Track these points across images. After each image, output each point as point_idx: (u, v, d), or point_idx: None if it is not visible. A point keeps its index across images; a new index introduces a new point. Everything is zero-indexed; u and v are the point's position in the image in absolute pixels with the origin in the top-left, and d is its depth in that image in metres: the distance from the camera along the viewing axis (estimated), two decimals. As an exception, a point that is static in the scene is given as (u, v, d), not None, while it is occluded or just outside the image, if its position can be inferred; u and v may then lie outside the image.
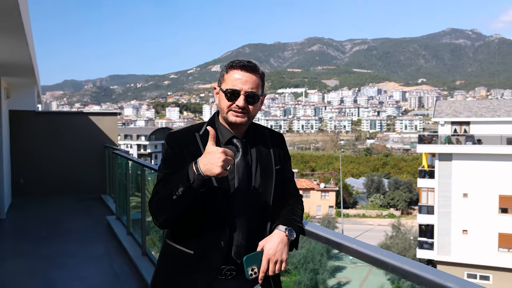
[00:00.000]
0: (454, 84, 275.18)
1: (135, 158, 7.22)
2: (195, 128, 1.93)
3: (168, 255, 1.92)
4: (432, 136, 29.16)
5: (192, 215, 1.79)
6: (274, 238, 1.80)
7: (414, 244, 31.34)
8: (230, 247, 1.83)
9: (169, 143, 1.90)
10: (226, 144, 1.88)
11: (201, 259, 1.82)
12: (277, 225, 1.85)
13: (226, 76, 1.87)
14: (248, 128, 1.94)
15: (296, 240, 1.86)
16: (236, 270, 1.85)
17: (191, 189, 1.67)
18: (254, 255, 1.77)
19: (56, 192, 10.69)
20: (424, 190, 29.65)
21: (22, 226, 8.13)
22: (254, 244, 1.83)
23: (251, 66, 1.86)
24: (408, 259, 1.52)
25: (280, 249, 1.78)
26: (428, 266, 1.44)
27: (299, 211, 1.98)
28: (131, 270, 5.43)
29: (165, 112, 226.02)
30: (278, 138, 2.05)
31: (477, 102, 32.09)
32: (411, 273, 1.44)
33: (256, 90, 1.84)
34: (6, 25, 4.60)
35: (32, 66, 7.62)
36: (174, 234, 1.90)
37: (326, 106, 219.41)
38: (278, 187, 1.94)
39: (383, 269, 1.54)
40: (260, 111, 2.17)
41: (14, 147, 10.36)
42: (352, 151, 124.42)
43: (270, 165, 1.93)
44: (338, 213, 50.46)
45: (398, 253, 18.36)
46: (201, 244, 1.82)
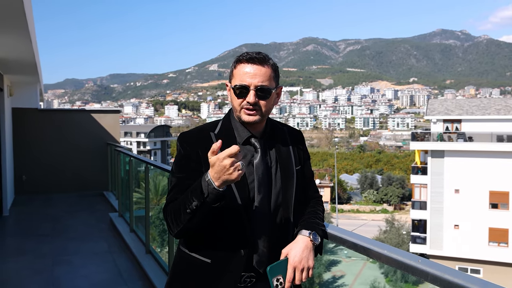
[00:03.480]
0: (444, 83, 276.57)
1: (138, 155, 7.14)
2: (209, 127, 1.78)
3: (183, 263, 1.77)
4: (424, 134, 29.50)
5: (210, 222, 1.63)
6: (299, 244, 1.66)
7: (407, 239, 31.69)
8: (251, 255, 1.69)
9: (182, 144, 1.74)
10: (243, 144, 1.73)
11: (219, 269, 1.67)
12: (300, 229, 1.71)
13: (234, 71, 1.72)
14: (266, 126, 1.79)
15: (321, 244, 1.73)
16: (256, 277, 1.72)
17: (206, 203, 1.53)
18: (278, 264, 1.63)
19: (58, 189, 10.65)
20: (417, 186, 29.98)
21: (24, 223, 8.09)
22: (277, 251, 1.70)
23: (259, 58, 1.69)
24: (450, 268, 1.35)
25: (305, 256, 1.64)
26: (474, 276, 1.30)
27: (320, 213, 1.84)
28: (135, 267, 5.36)
29: (164, 110, 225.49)
30: (298, 136, 1.91)
31: (468, 100, 32.41)
32: (456, 284, 1.28)
33: (267, 83, 1.68)
34: (10, 23, 4.58)
35: (35, 63, 7.59)
36: (189, 241, 1.75)
37: (321, 105, 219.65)
38: (299, 189, 1.80)
39: (421, 278, 1.39)
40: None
41: (17, 145, 10.33)
42: (346, 148, 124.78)
43: (291, 166, 1.79)
44: (333, 209, 50.75)
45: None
46: (219, 252, 1.68)
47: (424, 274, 1.39)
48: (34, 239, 6.87)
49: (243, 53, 1.73)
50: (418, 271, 1.41)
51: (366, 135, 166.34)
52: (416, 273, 1.41)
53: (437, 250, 27.78)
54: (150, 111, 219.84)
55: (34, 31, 5.99)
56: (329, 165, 77.37)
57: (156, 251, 5.54)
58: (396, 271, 19.59)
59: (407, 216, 37.47)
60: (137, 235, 6.34)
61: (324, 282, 20.39)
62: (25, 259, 5.90)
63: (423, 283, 6.80)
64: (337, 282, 21.67)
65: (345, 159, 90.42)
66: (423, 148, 29.04)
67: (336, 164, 65.04)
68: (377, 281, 18.91)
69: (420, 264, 1.41)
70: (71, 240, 6.82)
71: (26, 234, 7.26)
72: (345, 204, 58.01)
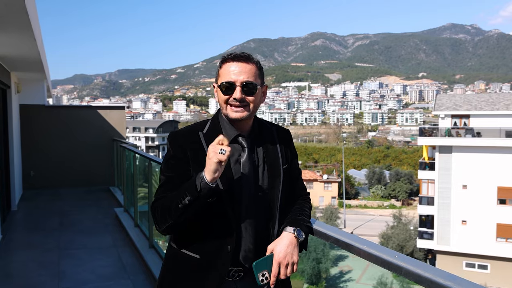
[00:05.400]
0: (454, 78, 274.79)
1: (142, 152, 7.20)
2: (198, 127, 1.82)
3: (173, 259, 1.83)
4: (432, 129, 29.32)
5: (197, 219, 1.70)
6: (283, 240, 1.71)
7: (414, 234, 31.59)
8: (238, 251, 1.75)
9: (171, 143, 1.79)
10: (231, 143, 1.76)
11: (207, 264, 1.73)
12: (285, 226, 1.76)
13: (220, 71, 1.76)
14: (253, 125, 1.84)
15: (305, 240, 1.78)
16: (243, 272, 1.78)
17: (199, 199, 1.59)
18: (264, 260, 1.69)
19: (65, 184, 10.76)
20: (425, 182, 29.89)
21: (32, 217, 8.24)
22: (262, 247, 1.74)
23: (244, 56, 1.75)
24: (422, 263, 1.42)
25: (290, 252, 1.69)
26: (443, 270, 1.36)
27: (307, 210, 1.89)
28: (138, 261, 5.46)
29: (172, 105, 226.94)
30: (286, 135, 1.94)
31: (477, 95, 32.15)
32: (426, 278, 1.34)
33: (253, 79, 1.72)
34: (13, 22, 4.59)
35: (40, 61, 7.62)
36: (179, 238, 1.81)
37: (329, 100, 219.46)
38: (286, 187, 1.85)
39: (396, 273, 1.46)
40: (263, 104, 2.03)
41: (25, 141, 10.42)
42: (354, 143, 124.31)
43: (277, 165, 1.83)
44: (341, 204, 50.66)
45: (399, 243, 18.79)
46: (207, 248, 1.74)
47: (399, 269, 1.44)
48: (41, 233, 7.01)
49: (228, 53, 1.77)
50: (394, 266, 1.46)
51: (375, 130, 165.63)
52: (392, 268, 1.47)
53: (444, 245, 27.68)
54: (158, 107, 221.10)
55: (39, 30, 6.03)
56: (337, 160, 77.26)
57: (159, 245, 5.61)
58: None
59: (415, 212, 37.33)
60: (141, 230, 6.43)
61: (332, 277, 20.47)
62: (32, 252, 6.02)
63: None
64: (344, 277, 21.73)
65: (353, 155, 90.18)
66: (431, 143, 28.90)
67: (344, 159, 64.95)
68: (385, 276, 18.89)
69: (396, 260, 1.47)
70: (77, 234, 6.93)
71: (33, 228, 7.41)
72: (353, 200, 57.87)
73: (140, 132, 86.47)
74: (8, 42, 5.83)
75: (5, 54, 6.83)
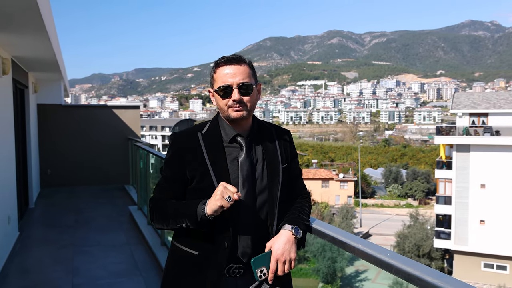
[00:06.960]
0: (473, 75, 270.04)
1: (154, 150, 7.27)
2: (198, 128, 1.88)
3: (174, 256, 1.90)
4: (450, 128, 28.94)
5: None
6: (281, 238, 1.75)
7: (431, 234, 31.21)
8: (235, 247, 1.80)
9: (172, 144, 1.87)
10: (230, 142, 1.83)
11: (206, 260, 1.79)
12: (283, 224, 1.80)
13: (215, 76, 1.81)
14: (252, 125, 1.88)
15: (303, 238, 1.81)
16: (244, 269, 1.82)
17: (197, 226, 1.71)
18: (262, 256, 1.74)
19: (81, 183, 10.92)
20: (442, 181, 29.49)
21: (49, 214, 8.43)
22: (261, 244, 1.79)
23: (236, 58, 1.81)
24: (413, 261, 1.45)
25: (287, 249, 1.73)
26: (432, 268, 1.38)
27: (306, 209, 1.93)
28: (151, 259, 5.54)
29: (188, 104, 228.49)
30: (285, 135, 1.98)
31: (496, 93, 31.55)
32: (414, 276, 1.37)
33: (248, 79, 1.79)
34: (27, 24, 4.64)
35: (56, 62, 7.71)
36: (180, 235, 1.88)
37: (345, 98, 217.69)
38: (285, 186, 1.88)
39: (387, 271, 1.47)
40: (279, 102, 2.13)
41: (42, 140, 10.60)
42: (371, 142, 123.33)
43: (277, 164, 1.87)
44: (357, 203, 50.32)
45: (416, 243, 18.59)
46: (206, 245, 1.79)
47: (390, 266, 1.47)
48: (57, 230, 7.17)
49: (219, 58, 1.83)
50: (385, 264, 1.50)
51: (391, 129, 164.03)
52: (384, 266, 1.50)
53: (462, 245, 27.29)
54: (175, 105, 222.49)
55: (55, 31, 6.11)
56: (353, 159, 76.75)
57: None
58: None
59: (432, 211, 36.89)
60: (153, 227, 6.46)
61: (347, 276, 20.36)
62: (48, 248, 6.16)
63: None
64: (360, 276, 21.58)
65: (370, 153, 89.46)
66: (449, 142, 28.52)
67: (360, 158, 64.53)
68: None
69: (388, 258, 1.50)
70: (92, 231, 7.06)
71: (50, 225, 7.58)
72: (369, 199, 57.46)
73: (157, 131, 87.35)
74: (24, 44, 5.92)
75: (22, 56, 6.94)
